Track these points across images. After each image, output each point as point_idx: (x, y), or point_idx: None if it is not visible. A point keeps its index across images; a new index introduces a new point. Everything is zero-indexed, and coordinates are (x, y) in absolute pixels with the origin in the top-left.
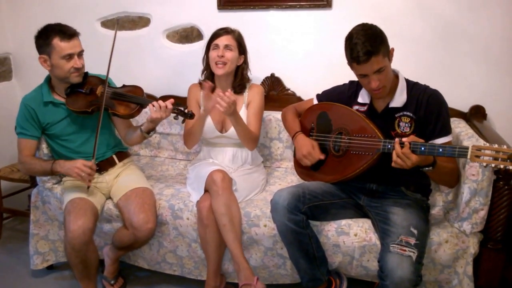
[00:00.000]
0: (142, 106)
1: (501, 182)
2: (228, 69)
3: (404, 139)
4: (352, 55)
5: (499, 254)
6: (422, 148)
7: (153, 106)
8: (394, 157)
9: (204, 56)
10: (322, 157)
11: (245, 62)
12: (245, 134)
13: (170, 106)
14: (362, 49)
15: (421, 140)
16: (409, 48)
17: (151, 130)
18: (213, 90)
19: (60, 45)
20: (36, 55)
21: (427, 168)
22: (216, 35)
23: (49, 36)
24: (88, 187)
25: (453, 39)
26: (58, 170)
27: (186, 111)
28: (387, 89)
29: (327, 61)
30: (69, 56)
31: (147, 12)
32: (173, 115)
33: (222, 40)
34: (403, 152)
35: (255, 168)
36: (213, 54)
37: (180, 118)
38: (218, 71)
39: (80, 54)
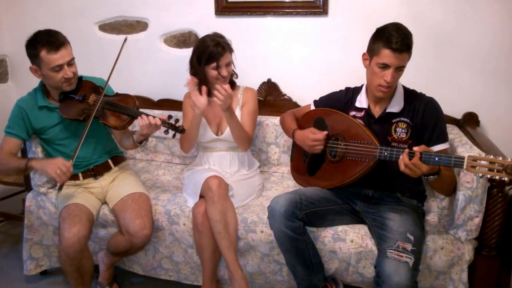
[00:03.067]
0: (133, 118)
1: (495, 190)
2: (229, 78)
3: (415, 148)
4: (389, 40)
5: (494, 261)
6: (436, 159)
7: (142, 120)
8: (402, 167)
9: (196, 70)
10: (325, 133)
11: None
12: (239, 133)
13: (159, 123)
14: (402, 40)
15: (432, 150)
16: None
17: (143, 140)
18: (200, 86)
19: (48, 57)
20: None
21: (432, 177)
22: (217, 55)
23: (36, 47)
24: (61, 187)
25: (446, 46)
26: (33, 166)
27: (177, 125)
28: (392, 90)
29: (323, 67)
30: (59, 67)
31: (145, 16)
32: (163, 129)
33: (224, 60)
34: (413, 163)
35: (251, 173)
36: (214, 73)
37: (171, 133)
38: (226, 86)
39: (70, 63)
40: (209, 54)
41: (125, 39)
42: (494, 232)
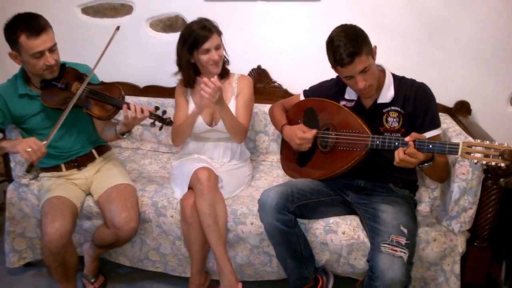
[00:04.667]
0: (118, 108)
1: (489, 181)
2: (221, 63)
3: (406, 139)
4: (335, 58)
5: (486, 252)
6: (430, 146)
7: (128, 110)
8: (397, 160)
9: (183, 57)
10: (314, 132)
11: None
12: (233, 125)
13: (146, 113)
14: (344, 51)
15: (423, 136)
16: (396, 42)
17: (126, 132)
18: (190, 81)
19: (27, 43)
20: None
21: (426, 164)
22: (203, 38)
23: (15, 32)
24: (29, 167)
25: (439, 34)
26: (3, 145)
27: (164, 117)
28: (374, 87)
29: (315, 54)
30: (40, 54)
31: None
32: (150, 121)
33: (212, 43)
34: (408, 153)
35: (241, 164)
36: (204, 58)
37: (158, 125)
38: (215, 70)
39: (52, 49)
40: (195, 38)
41: (117, 28)
42: (487, 223)
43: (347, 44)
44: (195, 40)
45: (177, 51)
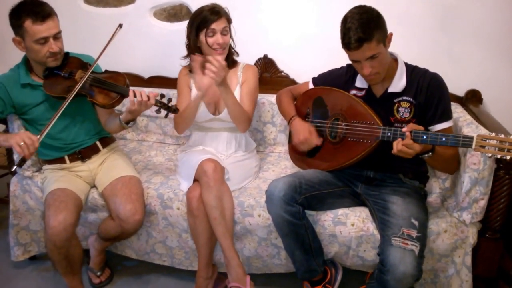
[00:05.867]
0: (123, 96)
1: (502, 171)
2: (227, 52)
3: (404, 129)
4: (344, 41)
5: (497, 244)
6: (424, 137)
7: (134, 97)
8: (394, 150)
9: (191, 39)
10: (319, 143)
11: (231, 35)
12: (236, 111)
13: (152, 101)
14: (354, 35)
15: (421, 128)
16: (405, 30)
17: (130, 121)
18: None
19: (32, 28)
20: (13, 33)
21: (426, 155)
22: (210, 19)
23: (20, 16)
24: (21, 161)
25: (450, 21)
26: None
27: (170, 104)
28: (381, 75)
29: (322, 42)
30: (44, 40)
31: None
32: (155, 108)
33: (219, 25)
34: (404, 144)
35: (248, 155)
36: (210, 40)
37: (163, 112)
38: (219, 57)
39: (56, 36)
40: (202, 19)
41: (120, 25)
42: (499, 214)
43: (358, 28)
44: (203, 20)
45: (186, 33)
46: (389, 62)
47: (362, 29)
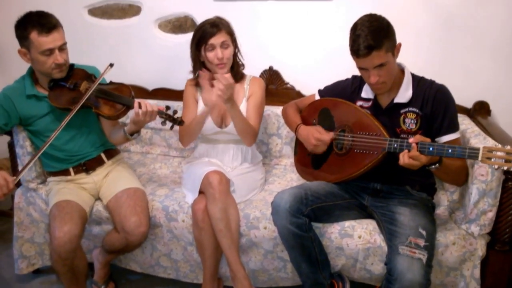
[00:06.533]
0: (128, 107)
1: (510, 183)
2: (229, 66)
3: (410, 140)
4: (353, 47)
5: (507, 256)
6: (431, 149)
7: (139, 108)
8: (401, 162)
9: (193, 54)
10: (331, 135)
11: (236, 47)
12: (242, 126)
13: (156, 109)
14: (363, 42)
15: (428, 139)
16: (411, 41)
17: (135, 132)
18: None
19: (38, 39)
20: (18, 44)
21: (433, 166)
22: (209, 34)
23: (26, 28)
24: None
25: (456, 32)
26: None
27: (175, 116)
28: (388, 85)
29: (328, 54)
30: (49, 51)
31: None
32: (160, 120)
33: (218, 39)
34: (410, 156)
35: (253, 167)
36: (210, 55)
37: (168, 124)
38: (221, 71)
39: (62, 47)
40: (201, 33)
41: (110, 65)
42: (507, 226)
43: (368, 35)
44: (201, 35)
45: (190, 47)
46: (396, 72)
47: (372, 36)
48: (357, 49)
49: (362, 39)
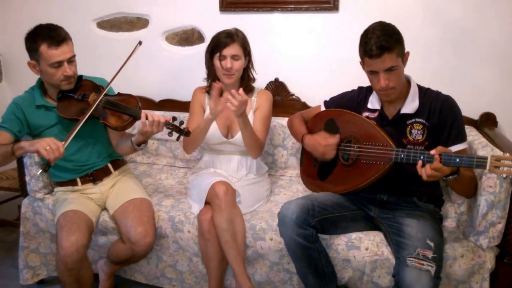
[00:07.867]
0: (135, 118)
1: None
2: (237, 78)
3: (432, 152)
4: (365, 49)
5: None
6: (458, 160)
7: (146, 119)
8: (425, 177)
9: (207, 61)
10: (338, 137)
11: (250, 61)
12: (251, 140)
13: (162, 120)
14: (376, 43)
15: (449, 150)
16: (417, 53)
17: (142, 143)
18: (221, 93)
19: (48, 52)
20: (27, 56)
21: (451, 177)
22: (222, 44)
23: (36, 41)
24: (47, 166)
25: (462, 43)
26: (22, 145)
27: (182, 127)
28: (397, 91)
29: (333, 65)
30: (58, 64)
31: (145, 12)
32: (167, 131)
33: (229, 51)
34: (433, 168)
35: (259, 178)
36: (217, 64)
37: (175, 135)
38: (227, 80)
39: (70, 60)
40: (215, 42)
41: (139, 43)
42: None
43: (381, 37)
44: (215, 44)
45: (204, 54)
46: (404, 80)
47: (385, 38)
48: (369, 49)
49: (374, 40)
